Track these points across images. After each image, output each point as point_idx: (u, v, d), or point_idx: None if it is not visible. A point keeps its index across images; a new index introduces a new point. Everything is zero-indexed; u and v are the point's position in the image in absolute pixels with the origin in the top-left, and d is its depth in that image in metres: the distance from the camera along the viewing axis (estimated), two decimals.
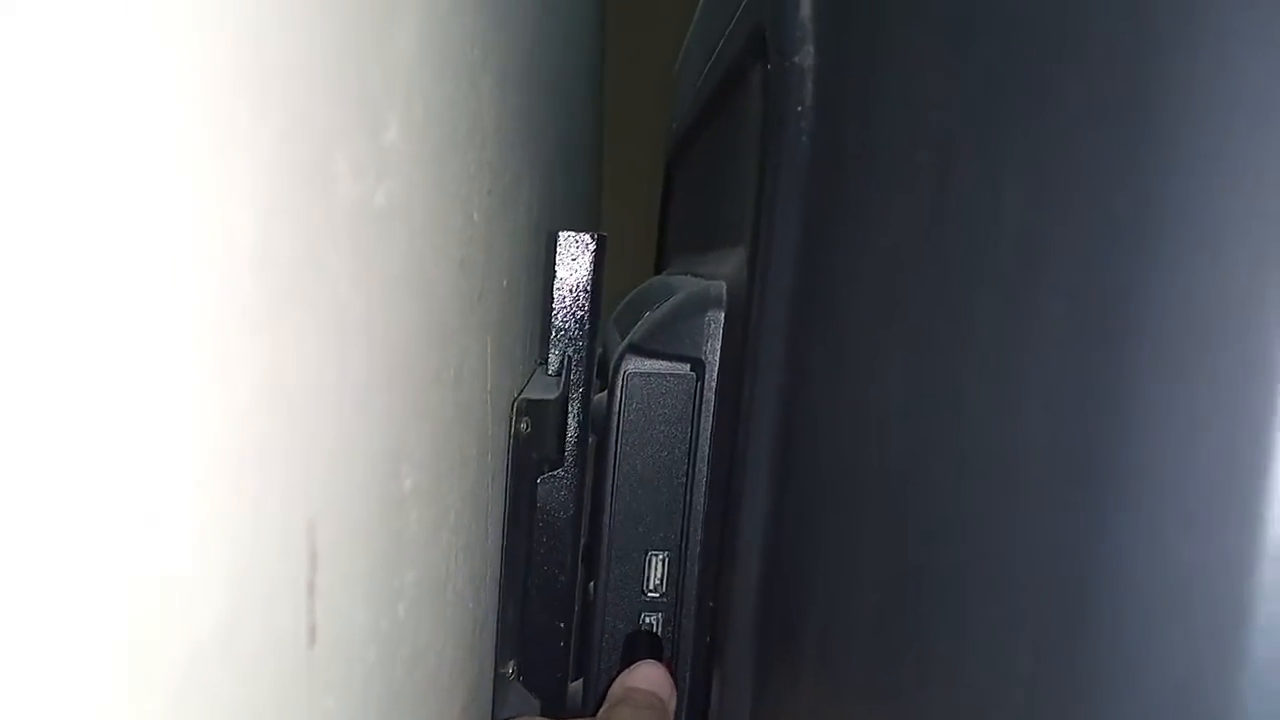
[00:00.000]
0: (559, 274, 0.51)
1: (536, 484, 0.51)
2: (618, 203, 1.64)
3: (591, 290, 0.52)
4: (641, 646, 0.49)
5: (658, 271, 0.95)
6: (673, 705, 0.47)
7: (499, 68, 0.38)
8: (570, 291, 0.52)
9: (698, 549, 0.48)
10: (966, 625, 0.23)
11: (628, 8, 1.58)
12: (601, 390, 0.53)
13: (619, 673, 0.48)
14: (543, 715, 0.53)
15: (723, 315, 0.46)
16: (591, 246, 0.51)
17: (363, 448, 0.22)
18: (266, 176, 0.15)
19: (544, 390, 0.51)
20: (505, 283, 0.44)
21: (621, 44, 1.61)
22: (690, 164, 0.75)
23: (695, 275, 0.59)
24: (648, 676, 0.47)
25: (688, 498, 0.49)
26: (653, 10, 1.49)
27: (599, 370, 0.57)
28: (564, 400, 0.51)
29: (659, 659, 0.49)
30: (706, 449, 0.48)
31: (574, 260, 0.51)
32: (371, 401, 0.22)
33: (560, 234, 0.50)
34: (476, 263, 0.34)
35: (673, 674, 0.48)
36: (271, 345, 0.16)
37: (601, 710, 0.47)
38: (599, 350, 0.57)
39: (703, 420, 0.48)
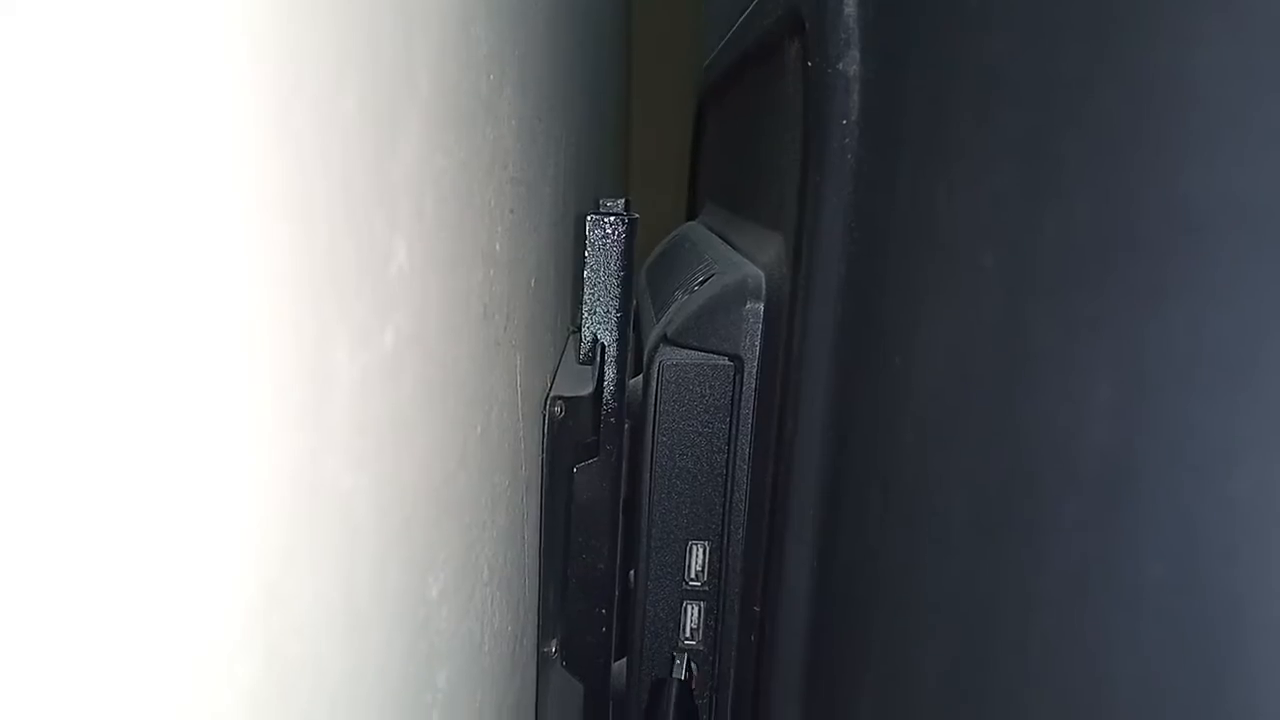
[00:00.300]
0: (589, 258, 0.49)
1: (573, 472, 0.50)
2: (649, 125, 1.59)
3: (622, 272, 0.50)
4: (669, 696, 0.48)
5: (690, 211, 0.93)
6: None
7: (518, 70, 0.35)
8: (601, 274, 0.50)
9: (740, 543, 0.47)
10: (1073, 681, 0.22)
11: None
12: (636, 375, 0.51)
13: None
14: (585, 697, 0.53)
15: (762, 307, 0.44)
16: (620, 229, 0.48)
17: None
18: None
19: (577, 381, 0.49)
20: (533, 283, 0.42)
21: None
22: (724, 108, 0.72)
23: (729, 243, 0.57)
24: None
25: (728, 489, 0.48)
26: None
27: (630, 348, 0.55)
28: (598, 392, 0.49)
29: (687, 707, 0.48)
30: (747, 442, 0.46)
31: (603, 242, 0.49)
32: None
33: (589, 218, 0.48)
34: (501, 296, 0.33)
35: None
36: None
37: None
38: (631, 324, 0.55)
39: (742, 412, 0.46)
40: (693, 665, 0.50)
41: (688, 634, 0.50)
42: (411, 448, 0.23)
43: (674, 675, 0.48)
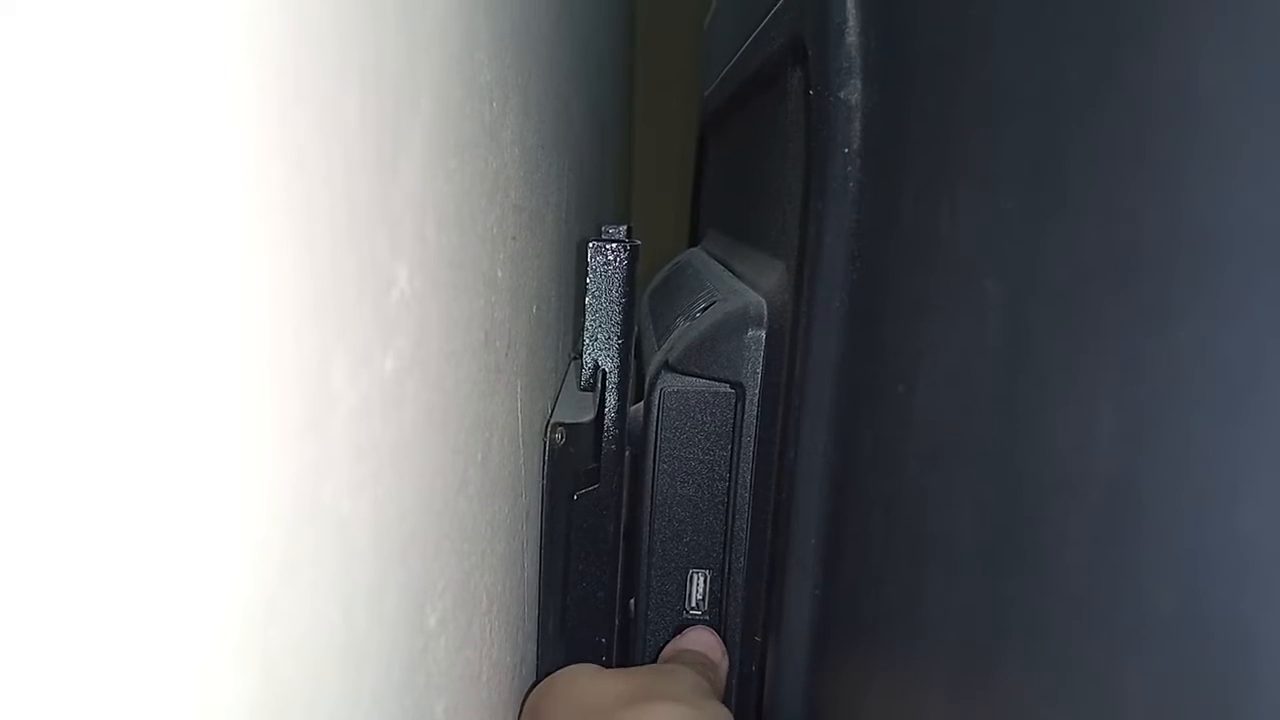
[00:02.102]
0: (590, 285, 0.49)
1: (573, 500, 0.50)
2: (651, 152, 1.60)
3: (624, 299, 0.50)
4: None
5: (692, 238, 0.93)
6: (724, 669, 0.46)
7: (522, 97, 0.35)
8: (602, 301, 0.49)
9: (742, 572, 0.47)
10: (1057, 678, 0.22)
11: None
12: (638, 402, 0.51)
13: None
14: None
15: (764, 335, 0.44)
16: (622, 256, 0.48)
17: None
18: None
19: (578, 408, 0.49)
20: (535, 309, 0.42)
21: None
22: (726, 136, 0.72)
23: (730, 270, 0.57)
24: (700, 640, 0.47)
25: (729, 517, 0.47)
26: None
27: (632, 375, 0.55)
28: (599, 419, 0.49)
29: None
30: (749, 469, 0.46)
31: (605, 269, 0.49)
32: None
33: (591, 244, 0.48)
34: (502, 323, 0.32)
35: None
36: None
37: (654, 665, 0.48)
38: (632, 351, 0.55)
39: (743, 439, 0.46)
40: None
41: None
42: (411, 473, 0.23)
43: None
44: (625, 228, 0.51)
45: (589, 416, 0.48)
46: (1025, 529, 0.22)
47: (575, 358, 0.61)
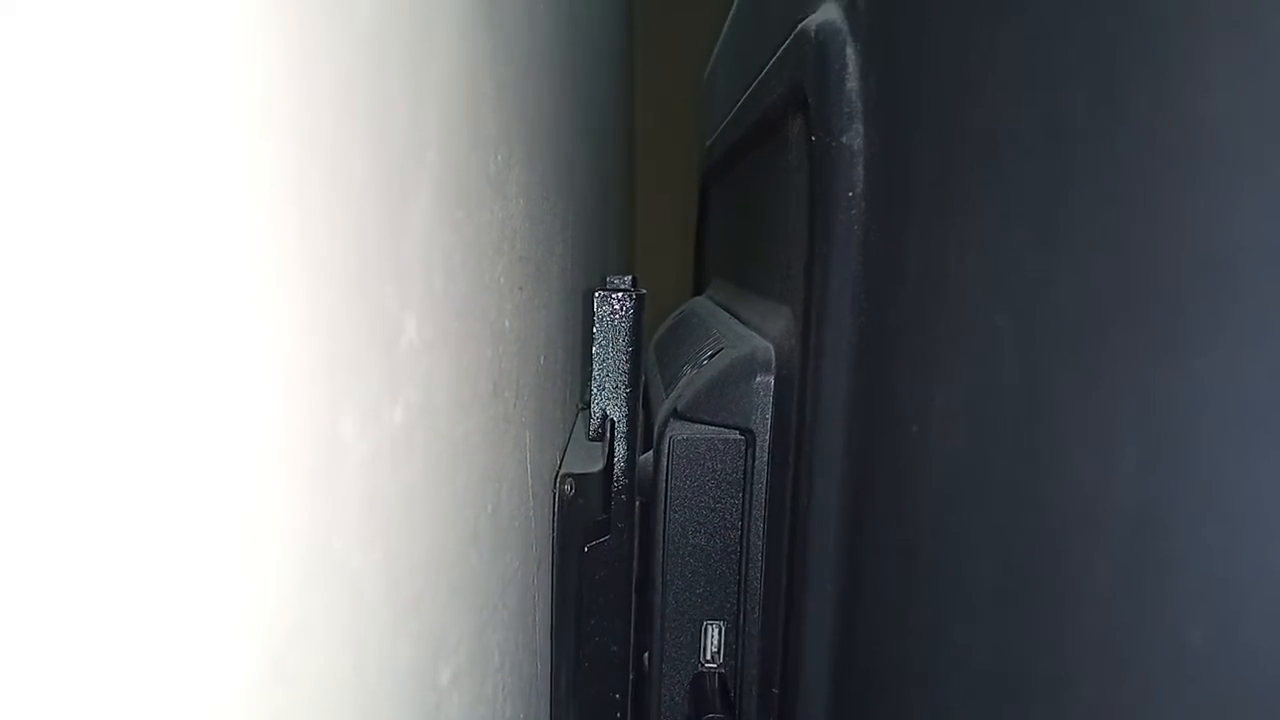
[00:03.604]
0: (597, 334, 0.49)
1: (584, 551, 0.49)
2: (653, 203, 1.62)
3: (630, 348, 0.50)
4: (706, 694, 0.47)
5: (696, 287, 0.93)
6: None
7: (526, 149, 0.36)
8: (609, 350, 0.49)
9: (757, 622, 0.46)
10: None
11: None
12: (646, 451, 0.51)
13: None
14: None
15: (772, 380, 0.43)
16: (628, 305, 0.48)
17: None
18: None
19: (587, 459, 0.49)
20: (542, 359, 0.42)
21: (651, 31, 1.59)
22: (728, 185, 0.72)
23: (737, 317, 0.57)
24: None
25: (743, 566, 0.47)
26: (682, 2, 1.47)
27: (640, 424, 0.55)
28: (608, 469, 0.49)
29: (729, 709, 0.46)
30: (761, 516, 0.45)
31: (611, 318, 0.49)
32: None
33: (596, 294, 0.48)
34: (510, 373, 0.32)
35: None
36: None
37: None
38: (640, 400, 0.55)
39: (755, 486, 0.45)
40: None
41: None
42: (422, 524, 0.22)
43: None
44: (630, 277, 0.51)
45: (598, 467, 0.48)
46: (1048, 568, 0.21)
47: (583, 408, 0.61)
